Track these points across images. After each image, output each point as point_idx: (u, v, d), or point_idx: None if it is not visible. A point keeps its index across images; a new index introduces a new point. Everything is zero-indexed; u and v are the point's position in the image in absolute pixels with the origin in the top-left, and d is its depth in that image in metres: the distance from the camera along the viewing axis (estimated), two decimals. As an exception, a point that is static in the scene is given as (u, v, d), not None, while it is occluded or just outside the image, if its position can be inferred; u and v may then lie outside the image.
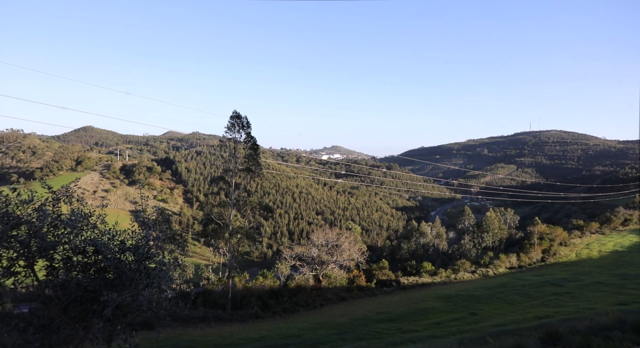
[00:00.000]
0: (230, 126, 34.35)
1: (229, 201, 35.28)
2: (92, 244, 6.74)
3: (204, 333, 24.76)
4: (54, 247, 6.60)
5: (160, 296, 6.77)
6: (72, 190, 7.39)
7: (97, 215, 7.34)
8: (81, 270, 6.79)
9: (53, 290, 6.68)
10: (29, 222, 6.55)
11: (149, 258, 6.91)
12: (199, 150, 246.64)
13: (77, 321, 6.53)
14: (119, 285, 6.57)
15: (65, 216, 6.92)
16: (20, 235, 6.52)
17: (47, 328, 6.28)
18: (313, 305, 34.17)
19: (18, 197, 6.83)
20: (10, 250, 6.48)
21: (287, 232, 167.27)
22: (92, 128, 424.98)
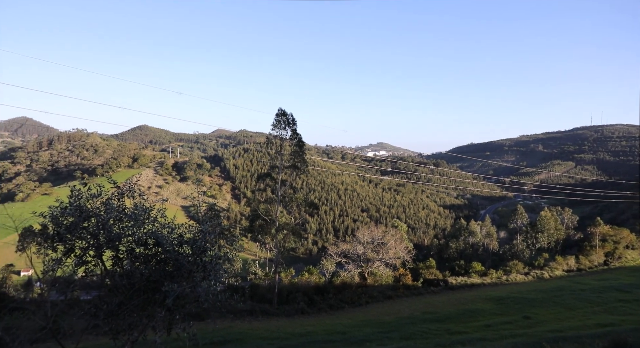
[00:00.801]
0: (276, 123, 34.80)
1: (275, 198, 35.84)
2: (153, 237, 7.15)
3: (251, 326, 25.42)
4: (120, 239, 7.06)
5: (215, 288, 7.06)
6: (134, 186, 7.86)
7: (157, 209, 7.76)
8: (143, 261, 7.22)
9: (119, 279, 7.15)
10: (97, 214, 7.05)
11: (205, 251, 7.22)
12: (246, 147, 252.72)
13: (140, 309, 6.96)
14: (178, 276, 6.92)
15: (128, 210, 7.38)
16: (90, 227, 7.04)
17: (114, 314, 6.75)
18: (358, 302, 34.10)
19: (88, 192, 7.37)
20: (81, 241, 7.00)
21: (332, 229, 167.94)
22: (147, 127, 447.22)
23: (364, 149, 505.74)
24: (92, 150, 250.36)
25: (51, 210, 7.20)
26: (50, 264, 7.00)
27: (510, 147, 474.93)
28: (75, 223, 6.98)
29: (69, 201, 7.14)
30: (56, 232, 7.02)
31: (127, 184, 7.77)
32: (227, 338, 20.83)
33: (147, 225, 7.44)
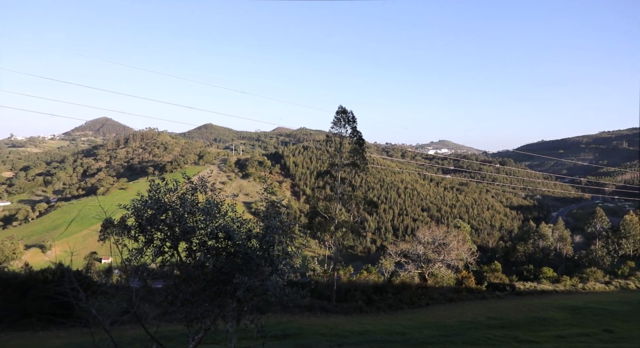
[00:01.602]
0: (336, 121, 34.95)
1: (334, 195, 36.01)
2: (224, 231, 7.54)
3: (310, 322, 25.80)
4: (194, 232, 7.52)
5: (282, 282, 7.31)
6: (206, 181, 8.35)
7: (228, 204, 8.17)
8: (215, 254, 7.64)
9: (192, 269, 7.63)
10: (173, 208, 7.57)
11: (272, 246, 7.49)
12: (306, 145, 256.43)
13: (211, 299, 7.39)
14: (247, 270, 7.24)
15: (201, 204, 7.86)
16: (167, 219, 7.57)
17: (189, 302, 7.22)
18: (418, 303, 33.41)
19: (166, 186, 7.93)
20: (159, 232, 7.56)
21: (392, 228, 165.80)
22: (212, 125, 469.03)
23: (425, 147, 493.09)
24: (163, 148, 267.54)
25: (133, 203, 7.82)
26: (133, 253, 7.60)
27: (587, 144, 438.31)
28: (155, 216, 7.54)
29: (149, 195, 7.72)
30: (138, 224, 7.61)
31: (200, 180, 8.26)
32: (286, 333, 21.30)
33: (219, 219, 7.86)
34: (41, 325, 32.34)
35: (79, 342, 21.50)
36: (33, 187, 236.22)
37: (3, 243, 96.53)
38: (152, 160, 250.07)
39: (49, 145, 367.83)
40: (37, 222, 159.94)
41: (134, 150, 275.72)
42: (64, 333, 28.16)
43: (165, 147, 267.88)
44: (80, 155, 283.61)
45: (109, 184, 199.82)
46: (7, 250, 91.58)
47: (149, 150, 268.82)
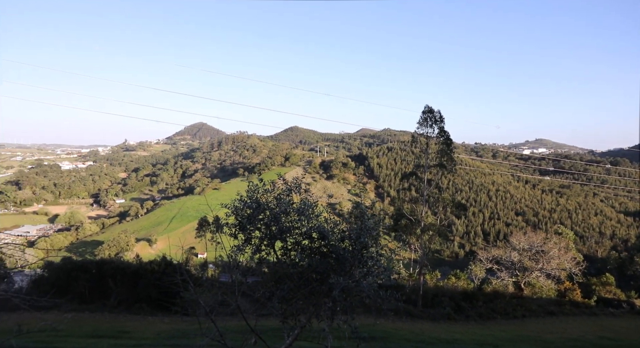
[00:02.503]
0: (422, 121, 33.97)
1: (420, 197, 35.06)
2: (318, 231, 7.75)
3: (395, 326, 25.34)
4: (290, 231, 7.84)
5: (376, 284, 7.31)
6: (300, 182, 8.65)
7: (322, 205, 8.40)
8: (309, 253, 7.88)
9: (287, 268, 7.95)
10: (270, 208, 7.95)
11: (366, 247, 7.52)
12: (390, 146, 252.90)
13: (307, 297, 7.63)
14: (340, 270, 7.36)
15: (296, 204, 8.15)
16: (265, 218, 7.98)
17: (285, 299, 7.54)
18: (513, 314, 31.09)
19: (263, 187, 8.37)
20: (257, 231, 8.00)
21: (482, 233, 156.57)
22: (297, 128, 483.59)
23: (519, 147, 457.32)
24: (252, 150, 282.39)
25: (234, 203, 8.36)
26: (234, 250, 8.10)
27: None
28: (253, 215, 7.99)
29: (247, 195, 8.19)
30: (238, 222, 8.11)
31: (295, 181, 8.57)
32: (372, 335, 21.13)
33: (313, 220, 8.08)
34: (150, 311, 35.94)
35: (181, 328, 23.52)
36: (142, 186, 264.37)
37: (119, 236, 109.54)
38: (242, 162, 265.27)
39: (155, 148, 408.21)
40: (145, 218, 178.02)
41: (226, 152, 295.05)
42: (168, 319, 30.99)
43: (254, 150, 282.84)
44: (180, 158, 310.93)
45: (204, 184, 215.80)
46: (122, 242, 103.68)
47: (239, 153, 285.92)
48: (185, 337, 20.76)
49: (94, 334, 21.09)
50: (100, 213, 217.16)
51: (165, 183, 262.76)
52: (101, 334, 21.26)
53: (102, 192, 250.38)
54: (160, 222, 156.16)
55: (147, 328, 26.71)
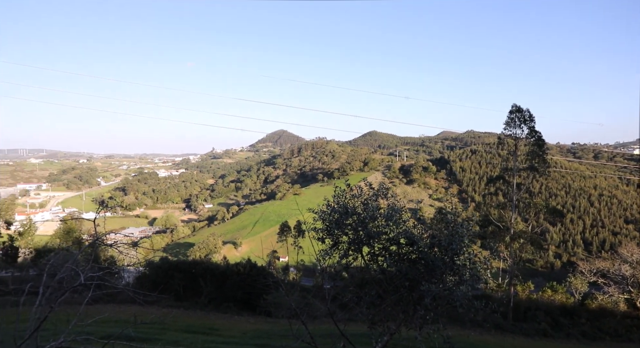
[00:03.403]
0: (509, 121, 31.89)
1: (508, 202, 32.83)
2: (406, 236, 7.54)
3: (482, 338, 23.79)
4: (378, 236, 7.72)
5: (469, 294, 6.92)
6: (387, 187, 8.49)
7: (410, 210, 8.17)
8: (398, 259, 7.69)
9: (377, 273, 7.84)
10: (357, 213, 7.90)
11: (458, 255, 7.15)
12: (474, 148, 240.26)
13: (396, 304, 7.44)
14: (430, 277, 7.07)
15: (383, 210, 8.01)
16: (352, 224, 7.94)
17: (373, 305, 7.42)
18: (627, 336, 27.42)
19: (351, 192, 8.36)
20: (345, 236, 7.99)
21: (582, 242, 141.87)
22: (376, 132, 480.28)
23: (628, 146, 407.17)
24: (330, 156, 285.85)
25: (320, 208, 8.44)
26: (321, 254, 8.16)
27: None
28: (341, 220, 7.98)
29: (334, 200, 8.22)
30: (326, 227, 8.16)
31: (381, 186, 8.43)
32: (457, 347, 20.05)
33: (401, 225, 7.88)
34: (237, 310, 37.83)
35: (265, 329, 24.33)
36: (228, 192, 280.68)
37: (208, 238, 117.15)
38: (321, 168, 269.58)
39: (239, 156, 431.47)
40: (230, 222, 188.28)
41: (306, 158, 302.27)
42: (253, 319, 32.31)
43: (333, 155, 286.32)
44: (262, 164, 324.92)
45: (285, 190, 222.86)
46: (211, 244, 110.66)
47: (318, 158, 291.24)
48: (269, 338, 21.39)
49: (188, 329, 22.60)
50: (191, 217, 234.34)
51: (249, 189, 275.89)
52: (194, 330, 22.72)
53: (193, 197, 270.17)
54: (244, 226, 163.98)
55: (234, 327, 28.05)
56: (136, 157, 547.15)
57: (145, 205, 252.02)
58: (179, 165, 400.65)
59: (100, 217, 5.92)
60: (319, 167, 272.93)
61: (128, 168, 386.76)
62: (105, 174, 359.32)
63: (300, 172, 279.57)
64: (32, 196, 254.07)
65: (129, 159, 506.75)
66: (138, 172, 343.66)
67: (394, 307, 7.42)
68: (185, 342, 20.37)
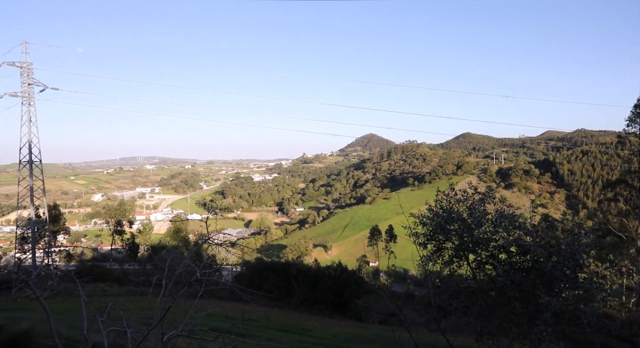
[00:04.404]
0: (634, 118, 28.10)
1: (632, 210, 28.87)
2: (518, 244, 6.95)
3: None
4: (486, 243, 7.23)
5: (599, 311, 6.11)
6: (494, 192, 7.94)
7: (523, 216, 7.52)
8: (508, 268, 7.12)
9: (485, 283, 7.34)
10: (462, 218, 7.48)
11: (580, 267, 6.39)
12: (585, 149, 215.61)
13: (507, 316, 6.87)
14: (548, 290, 6.40)
15: (491, 215, 7.48)
16: (457, 229, 7.53)
17: (483, 316, 6.94)
18: None
19: (455, 197, 7.97)
20: (448, 242, 7.61)
21: None
22: (469, 134, 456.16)
23: None
24: (421, 159, 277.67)
25: (421, 213, 8.14)
26: (424, 260, 7.87)
27: None
28: (445, 225, 7.62)
29: (435, 204, 7.88)
30: (429, 232, 7.85)
31: (488, 190, 7.90)
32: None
33: (511, 232, 7.28)
34: (328, 313, 38.35)
35: (356, 333, 24.25)
36: (318, 196, 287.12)
37: (299, 241, 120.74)
38: (411, 172, 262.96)
39: (329, 160, 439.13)
40: (320, 226, 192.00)
41: (396, 162, 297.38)
42: (344, 323, 32.44)
43: (423, 159, 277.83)
44: (351, 169, 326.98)
45: (374, 194, 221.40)
46: (302, 247, 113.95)
47: (408, 162, 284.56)
48: (360, 342, 21.25)
49: (282, 328, 23.39)
50: (284, 220, 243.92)
51: (339, 193, 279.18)
52: (287, 329, 23.44)
53: (285, 201, 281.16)
54: (334, 230, 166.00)
55: (325, 329, 28.40)
56: (233, 162, 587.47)
57: (241, 208, 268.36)
58: (272, 170, 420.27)
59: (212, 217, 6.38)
60: (409, 171, 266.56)
61: (226, 173, 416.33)
62: (206, 178, 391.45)
63: (390, 176, 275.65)
64: (147, 198, 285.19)
65: (227, 164, 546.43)
66: (235, 177, 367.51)
67: (505, 319, 6.80)
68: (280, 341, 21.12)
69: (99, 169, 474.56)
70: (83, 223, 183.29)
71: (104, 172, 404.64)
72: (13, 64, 38.88)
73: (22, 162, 39.37)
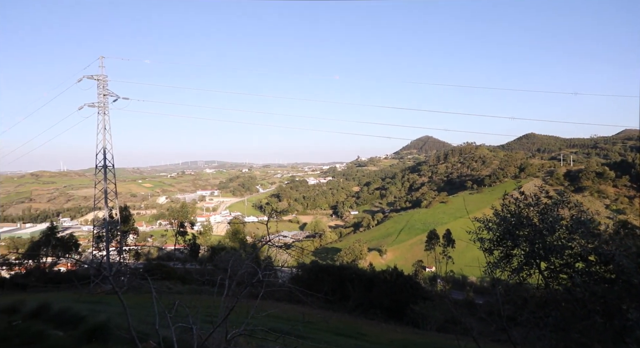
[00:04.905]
0: None
1: None
2: (597, 253, 6.39)
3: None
4: (560, 251, 6.73)
5: None
6: (568, 196, 7.41)
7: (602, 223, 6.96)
8: (586, 279, 6.58)
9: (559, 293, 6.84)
10: (532, 224, 7.02)
11: None
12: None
13: (586, 331, 6.33)
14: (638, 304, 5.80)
15: (565, 221, 6.97)
16: (527, 235, 7.07)
17: (559, 329, 6.45)
18: None
19: (525, 201, 7.52)
20: (517, 248, 7.17)
21: None
22: (533, 135, 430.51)
23: None
24: (480, 162, 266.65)
25: (486, 217, 7.75)
26: (490, 267, 7.47)
27: None
28: (512, 230, 7.20)
29: (502, 209, 7.47)
30: (496, 237, 7.45)
31: (560, 195, 7.38)
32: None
33: (589, 239, 6.72)
34: (384, 318, 37.75)
35: (413, 340, 23.63)
36: (372, 199, 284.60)
37: (354, 245, 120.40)
38: (470, 174, 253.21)
39: (383, 163, 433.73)
40: (375, 229, 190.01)
41: (453, 165, 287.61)
42: (400, 329, 31.75)
43: (483, 161, 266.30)
44: (406, 172, 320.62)
45: (430, 198, 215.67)
46: (357, 250, 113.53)
47: (467, 165, 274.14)
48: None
49: (337, 332, 23.32)
50: (338, 223, 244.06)
51: (394, 196, 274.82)
52: (343, 333, 23.33)
53: (339, 204, 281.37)
54: (389, 234, 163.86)
55: (381, 334, 27.95)
56: (288, 166, 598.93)
57: (296, 211, 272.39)
58: (327, 173, 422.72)
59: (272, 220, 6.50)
60: (468, 174, 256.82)
61: (282, 176, 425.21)
62: (262, 181, 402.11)
63: (447, 179, 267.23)
64: (207, 201, 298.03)
65: (282, 168, 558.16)
66: (290, 180, 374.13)
67: (585, 334, 6.22)
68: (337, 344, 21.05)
69: (163, 172, 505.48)
70: (149, 224, 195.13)
71: (168, 176, 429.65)
72: (92, 77, 42.32)
73: (97, 167, 42.67)
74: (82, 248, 69.47)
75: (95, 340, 8.04)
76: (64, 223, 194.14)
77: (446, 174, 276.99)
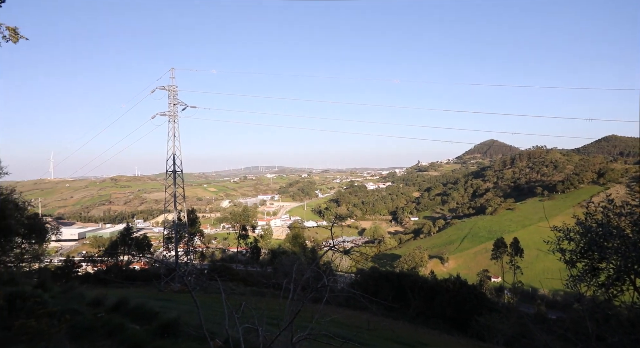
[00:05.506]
0: None
1: None
2: None
3: None
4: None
5: None
6: None
7: None
8: None
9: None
10: (624, 235, 6.38)
11: None
12: None
13: None
14: None
15: None
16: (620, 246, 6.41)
17: None
18: None
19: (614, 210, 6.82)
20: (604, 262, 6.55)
21: None
22: (614, 137, 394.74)
23: None
24: (552, 166, 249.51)
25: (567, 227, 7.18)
26: (574, 280, 6.89)
27: None
28: (599, 242, 6.59)
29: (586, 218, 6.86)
30: (581, 248, 6.87)
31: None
32: None
33: None
34: (446, 328, 36.42)
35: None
36: (433, 205, 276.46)
37: (414, 251, 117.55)
38: (540, 180, 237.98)
39: (445, 168, 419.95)
40: (437, 236, 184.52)
41: (521, 170, 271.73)
42: (464, 341, 30.42)
43: (555, 166, 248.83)
44: (470, 177, 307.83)
45: (496, 204, 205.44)
46: (417, 258, 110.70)
47: (536, 170, 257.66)
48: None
49: (397, 340, 22.84)
50: (397, 229, 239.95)
51: (456, 202, 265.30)
52: (402, 341, 22.81)
53: (399, 210, 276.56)
54: (451, 241, 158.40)
55: (443, 345, 26.97)
56: (347, 171, 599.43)
57: (355, 216, 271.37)
58: (386, 178, 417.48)
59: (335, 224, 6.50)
60: (537, 179, 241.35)
61: (340, 181, 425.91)
62: (321, 186, 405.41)
63: (514, 184, 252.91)
64: (268, 205, 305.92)
65: (341, 173, 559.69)
66: (349, 185, 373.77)
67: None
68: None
69: (227, 177, 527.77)
70: (213, 227, 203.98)
71: (231, 181, 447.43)
72: (164, 88, 45.30)
73: (167, 172, 45.45)
74: (154, 249, 74.12)
75: (167, 335, 8.55)
76: (137, 225, 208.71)
77: (513, 179, 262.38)
